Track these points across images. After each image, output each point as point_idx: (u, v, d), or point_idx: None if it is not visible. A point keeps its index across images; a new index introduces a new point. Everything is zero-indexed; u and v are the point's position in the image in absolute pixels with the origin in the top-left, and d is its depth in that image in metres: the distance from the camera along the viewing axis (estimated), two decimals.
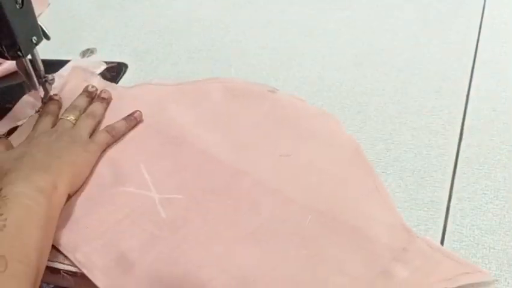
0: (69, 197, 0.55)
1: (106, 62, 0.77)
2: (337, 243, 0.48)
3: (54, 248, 0.50)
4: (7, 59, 0.64)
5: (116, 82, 0.73)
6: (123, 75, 0.74)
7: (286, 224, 0.50)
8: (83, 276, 0.49)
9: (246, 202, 0.52)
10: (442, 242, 0.49)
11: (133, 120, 0.64)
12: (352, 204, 0.51)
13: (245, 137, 0.60)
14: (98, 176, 0.58)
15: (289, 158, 0.56)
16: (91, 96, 0.68)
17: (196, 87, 0.68)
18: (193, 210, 0.53)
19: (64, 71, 0.75)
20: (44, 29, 0.67)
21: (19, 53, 0.63)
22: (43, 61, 0.69)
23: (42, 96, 0.70)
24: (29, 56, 0.66)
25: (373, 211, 0.50)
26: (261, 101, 0.64)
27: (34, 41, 0.65)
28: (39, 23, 0.66)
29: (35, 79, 0.68)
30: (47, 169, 0.53)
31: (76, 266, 0.49)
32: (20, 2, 0.61)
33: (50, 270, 0.50)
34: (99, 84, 0.70)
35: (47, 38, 0.68)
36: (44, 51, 0.70)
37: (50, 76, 0.70)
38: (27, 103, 0.71)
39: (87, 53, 0.80)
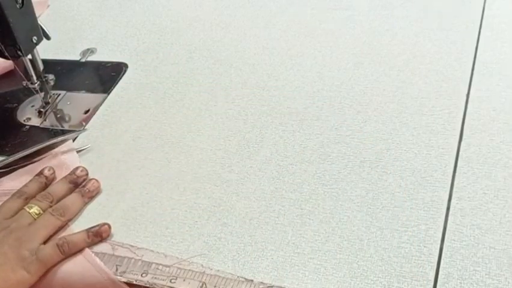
0: None
1: (106, 62, 0.77)
2: None
3: None
4: (7, 58, 0.64)
5: (116, 82, 0.73)
6: (123, 75, 0.74)
7: None
8: None
9: None
10: (442, 242, 0.49)
11: (97, 237, 0.52)
12: None
13: None
14: None
15: None
16: (75, 183, 0.58)
17: None
18: None
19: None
20: (44, 29, 0.67)
21: (19, 52, 0.63)
22: (43, 61, 0.69)
23: (42, 96, 0.70)
24: (29, 56, 0.66)
25: None
26: None
27: (34, 41, 0.65)
28: (39, 23, 0.66)
29: (35, 79, 0.68)
30: None
31: None
32: (20, 2, 0.61)
33: None
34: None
35: (47, 38, 0.68)
36: (44, 51, 0.70)
37: (50, 76, 0.71)
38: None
39: (87, 53, 0.80)
